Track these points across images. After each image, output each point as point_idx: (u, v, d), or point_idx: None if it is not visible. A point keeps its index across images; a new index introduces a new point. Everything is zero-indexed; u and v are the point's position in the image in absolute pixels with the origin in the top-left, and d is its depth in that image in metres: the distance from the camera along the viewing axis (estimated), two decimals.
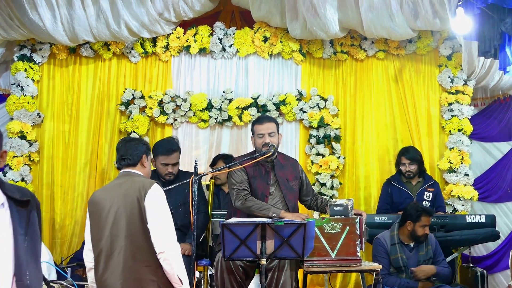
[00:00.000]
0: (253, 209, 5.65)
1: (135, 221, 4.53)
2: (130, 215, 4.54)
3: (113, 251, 4.53)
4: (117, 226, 4.55)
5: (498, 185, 8.09)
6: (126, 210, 4.55)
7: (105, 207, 4.60)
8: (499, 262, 7.94)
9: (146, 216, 4.54)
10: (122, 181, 4.74)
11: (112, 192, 4.67)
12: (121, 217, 4.54)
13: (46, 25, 7.37)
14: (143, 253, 4.52)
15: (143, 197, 4.56)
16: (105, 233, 4.56)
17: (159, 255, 4.51)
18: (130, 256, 4.50)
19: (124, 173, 4.83)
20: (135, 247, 4.51)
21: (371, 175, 8.16)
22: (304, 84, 8.22)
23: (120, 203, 4.57)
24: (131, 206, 4.55)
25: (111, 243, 4.54)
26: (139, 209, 4.54)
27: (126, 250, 4.50)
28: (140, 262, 4.51)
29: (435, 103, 8.22)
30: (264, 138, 5.82)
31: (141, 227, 4.53)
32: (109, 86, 8.22)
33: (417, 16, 7.35)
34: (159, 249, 4.51)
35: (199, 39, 8.12)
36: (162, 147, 6.41)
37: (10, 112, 7.98)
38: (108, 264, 4.54)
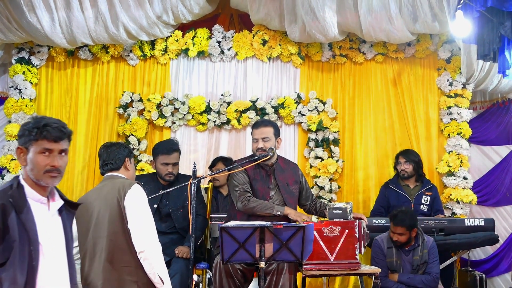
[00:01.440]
0: (257, 210, 5.66)
1: (115, 222, 4.55)
2: (110, 216, 4.55)
3: (95, 252, 4.55)
4: (99, 228, 4.57)
5: (497, 188, 8.09)
6: (107, 211, 4.57)
7: (88, 210, 4.63)
8: (498, 265, 7.93)
9: (126, 216, 4.55)
10: (104, 184, 4.79)
11: (94, 195, 4.72)
12: (102, 219, 4.57)
13: (45, 27, 7.36)
14: (123, 253, 4.53)
15: (122, 197, 4.57)
16: (89, 235, 4.60)
17: (139, 254, 4.52)
18: (110, 256, 4.51)
19: (107, 177, 4.88)
20: (116, 248, 4.52)
21: (370, 178, 8.15)
22: (302, 87, 8.21)
23: (101, 205, 4.60)
24: (111, 207, 4.57)
25: (94, 245, 4.57)
26: (119, 209, 4.55)
27: (107, 251, 4.52)
28: (120, 263, 4.52)
29: (434, 107, 8.21)
30: (257, 143, 5.84)
31: (121, 228, 4.54)
32: (108, 89, 8.21)
33: (416, 19, 7.35)
34: (139, 248, 4.52)
35: (198, 42, 8.11)
36: (162, 146, 6.41)
37: (8, 115, 7.97)
38: (92, 265, 4.56)
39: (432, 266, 6.51)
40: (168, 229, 6.24)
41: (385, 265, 6.46)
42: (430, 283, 6.45)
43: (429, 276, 6.46)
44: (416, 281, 6.42)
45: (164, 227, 6.22)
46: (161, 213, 6.25)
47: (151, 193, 6.07)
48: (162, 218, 6.25)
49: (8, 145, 7.83)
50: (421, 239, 6.52)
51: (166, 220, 6.26)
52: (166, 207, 6.24)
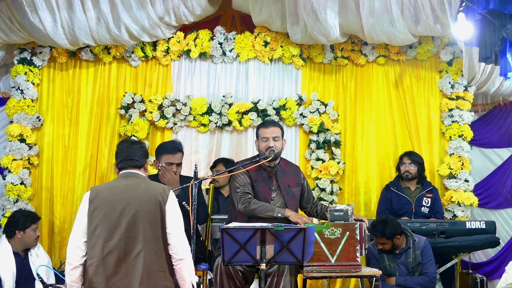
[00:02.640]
0: (257, 212, 5.66)
1: (156, 225, 4.48)
2: (152, 219, 4.47)
3: (128, 254, 4.43)
4: (135, 229, 4.46)
5: (498, 191, 8.09)
6: (149, 213, 4.48)
7: (116, 207, 4.49)
8: (499, 268, 7.93)
9: (166, 221, 4.51)
10: (134, 182, 4.65)
11: (125, 192, 4.57)
12: (140, 220, 4.46)
13: (47, 28, 7.36)
14: (160, 258, 4.48)
15: (165, 201, 4.53)
16: (118, 234, 4.45)
17: (177, 261, 4.49)
18: (149, 260, 4.43)
19: (130, 174, 4.73)
20: (154, 252, 4.45)
21: (371, 180, 8.15)
22: (304, 89, 8.21)
23: (141, 205, 4.49)
24: (154, 209, 4.49)
25: (126, 245, 4.44)
26: (161, 213, 4.50)
27: (146, 254, 4.43)
28: (157, 267, 4.46)
29: (436, 109, 8.21)
30: (268, 142, 5.82)
31: (161, 232, 4.50)
32: (109, 90, 8.20)
33: (418, 21, 7.34)
34: (180, 255, 4.50)
35: (200, 43, 8.11)
36: (167, 146, 6.44)
37: (9, 115, 7.96)
38: (120, 267, 4.43)
39: (427, 267, 6.51)
40: None
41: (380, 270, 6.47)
42: (427, 284, 6.46)
43: (425, 277, 6.46)
44: (413, 283, 6.42)
45: None
46: None
47: None
48: None
49: (9, 145, 7.83)
50: (411, 241, 6.52)
51: None
52: None
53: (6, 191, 7.77)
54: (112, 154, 7.99)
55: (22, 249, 6.52)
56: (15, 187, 7.75)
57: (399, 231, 6.46)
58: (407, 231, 6.60)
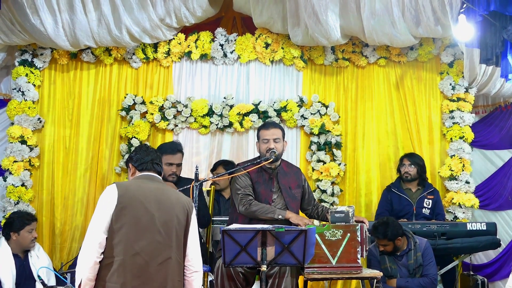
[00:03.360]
0: (258, 213, 5.65)
1: (182, 234, 4.45)
2: (181, 227, 4.44)
3: (154, 258, 4.31)
4: (167, 235, 4.37)
5: (499, 193, 8.08)
6: (179, 221, 4.43)
7: (149, 209, 4.37)
8: (500, 270, 7.92)
9: (188, 231, 4.50)
10: (162, 187, 4.58)
11: (159, 196, 4.47)
12: (172, 227, 4.39)
13: (48, 30, 7.37)
14: (180, 267, 4.43)
15: (191, 211, 4.52)
16: (148, 236, 4.32)
17: (192, 273, 4.47)
18: (173, 269, 4.37)
19: (153, 177, 4.62)
20: (177, 260, 4.40)
21: (372, 182, 8.15)
22: (305, 91, 8.21)
23: (173, 212, 4.43)
24: (182, 217, 4.45)
25: (154, 250, 4.32)
26: (186, 222, 4.48)
27: (172, 262, 4.37)
28: (177, 276, 4.41)
29: (436, 110, 8.21)
30: (269, 144, 5.81)
31: (184, 241, 4.47)
32: (110, 91, 8.21)
33: (419, 23, 7.35)
34: (197, 267, 4.49)
35: (201, 45, 8.12)
36: (166, 146, 6.47)
37: (10, 117, 7.96)
38: (144, 271, 4.29)
39: (428, 268, 6.51)
40: None
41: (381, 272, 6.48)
42: (428, 286, 6.46)
43: (426, 278, 6.47)
44: (414, 285, 6.42)
45: None
46: None
47: None
48: None
49: (10, 147, 7.83)
50: (412, 243, 6.52)
51: None
52: None
53: (7, 193, 7.77)
54: (113, 156, 8.04)
55: (21, 251, 6.51)
56: (16, 188, 7.75)
57: (401, 233, 6.46)
58: (408, 233, 6.60)
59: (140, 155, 4.68)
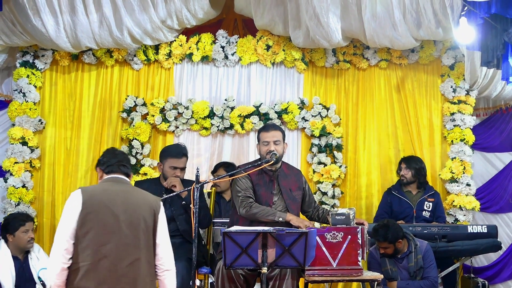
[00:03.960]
0: (259, 216, 5.65)
1: (149, 233, 4.48)
2: (148, 227, 4.47)
3: (122, 260, 4.35)
4: (133, 236, 4.41)
5: (500, 195, 8.09)
6: (145, 221, 4.46)
7: (114, 212, 4.41)
8: (501, 272, 7.93)
9: (157, 231, 4.52)
10: (128, 188, 4.63)
11: (123, 198, 4.51)
12: (138, 227, 4.43)
13: (49, 31, 7.37)
14: (150, 267, 4.47)
15: (158, 210, 4.54)
16: (114, 239, 4.36)
17: (163, 272, 4.50)
18: (143, 269, 4.41)
19: (119, 179, 4.66)
20: (146, 261, 4.43)
21: (373, 184, 8.14)
22: (306, 93, 8.21)
23: (139, 212, 4.46)
24: (149, 217, 4.48)
25: (122, 252, 4.36)
26: (154, 222, 4.51)
27: (141, 263, 4.40)
28: (148, 276, 4.45)
29: (437, 113, 8.21)
30: (269, 146, 5.81)
31: (153, 241, 4.50)
32: (111, 93, 8.21)
33: (420, 25, 7.35)
34: (168, 266, 4.51)
35: (202, 47, 8.12)
36: (172, 149, 6.44)
37: (12, 118, 7.97)
38: (112, 273, 4.33)
39: (429, 271, 6.50)
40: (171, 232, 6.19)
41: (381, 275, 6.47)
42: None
43: (427, 281, 6.46)
44: (415, 287, 6.41)
45: None
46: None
47: None
48: None
49: (11, 148, 7.83)
50: (413, 245, 6.52)
51: (169, 223, 6.23)
52: (169, 211, 6.24)
53: (8, 194, 7.77)
54: None
55: (20, 252, 6.48)
56: (16, 190, 7.75)
57: (401, 235, 6.45)
58: (408, 235, 6.59)
59: (107, 158, 4.75)
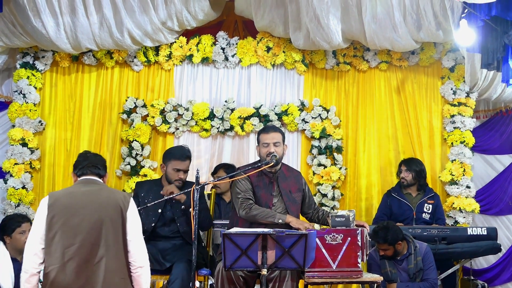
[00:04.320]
0: (259, 217, 5.64)
1: (117, 232, 4.50)
2: (113, 225, 4.49)
3: (89, 260, 4.43)
4: (97, 235, 4.46)
5: (500, 197, 8.09)
6: (109, 219, 4.49)
7: (77, 213, 4.49)
8: (500, 274, 7.94)
9: (126, 228, 4.53)
10: (95, 188, 4.66)
11: (86, 198, 4.56)
12: (101, 226, 4.47)
13: (49, 32, 7.37)
14: (121, 264, 4.50)
15: (126, 207, 4.55)
16: (79, 240, 4.44)
17: (136, 269, 4.52)
18: (111, 267, 4.44)
19: (90, 180, 4.71)
20: (115, 258, 4.47)
21: (373, 186, 8.14)
22: (306, 95, 8.21)
23: (102, 211, 4.50)
24: (115, 215, 4.51)
25: (87, 252, 4.43)
26: (122, 219, 4.52)
27: (107, 261, 4.44)
28: (118, 274, 4.48)
29: (437, 115, 8.21)
30: (269, 148, 5.80)
31: (122, 238, 4.52)
32: (111, 94, 8.21)
33: (420, 27, 7.35)
34: (140, 263, 4.53)
35: (202, 49, 8.12)
36: (176, 151, 6.43)
37: (12, 119, 7.97)
38: (81, 274, 4.42)
39: (428, 273, 6.49)
40: (171, 234, 6.25)
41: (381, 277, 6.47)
42: None
43: (427, 283, 6.45)
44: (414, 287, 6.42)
45: (167, 232, 6.24)
46: (165, 218, 6.26)
47: (155, 198, 6.09)
48: (166, 223, 6.26)
49: (11, 149, 7.84)
50: (412, 247, 6.51)
51: (170, 224, 6.27)
52: (170, 212, 6.25)
53: (8, 195, 7.78)
54: (114, 158, 8.04)
55: (19, 254, 6.43)
56: (16, 191, 7.76)
57: (401, 237, 6.45)
58: (408, 237, 6.59)
59: (78, 162, 4.81)
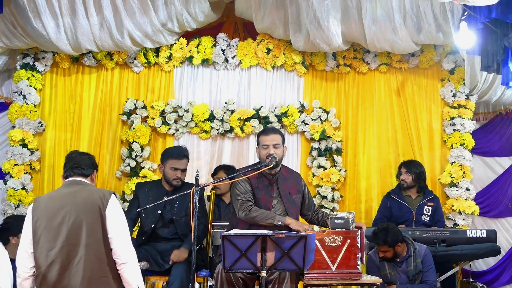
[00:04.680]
0: (258, 219, 5.63)
1: (96, 230, 4.51)
2: (91, 224, 4.50)
3: (70, 261, 4.47)
4: (76, 235, 4.49)
5: (499, 200, 8.09)
6: (87, 219, 4.50)
7: (57, 215, 4.53)
8: (499, 277, 7.93)
9: (106, 225, 4.53)
10: (75, 189, 4.67)
11: (65, 200, 4.59)
12: (80, 226, 4.49)
13: (50, 34, 7.37)
14: (102, 264, 4.50)
15: (105, 206, 4.55)
16: (59, 242, 4.48)
17: (120, 265, 4.53)
18: (90, 266, 4.46)
19: (73, 182, 4.76)
20: (95, 257, 4.48)
21: (372, 188, 8.15)
22: (306, 96, 8.22)
23: (80, 212, 4.52)
24: (91, 214, 4.51)
25: (68, 253, 4.47)
26: (100, 217, 4.52)
27: (87, 260, 4.46)
28: (99, 273, 4.49)
29: (437, 117, 8.21)
30: (268, 149, 5.80)
31: (102, 237, 4.52)
32: (112, 95, 8.22)
33: (420, 30, 7.36)
34: (123, 259, 4.53)
35: (202, 50, 8.13)
36: (173, 151, 6.45)
37: (12, 120, 7.97)
38: (64, 275, 4.47)
39: (428, 275, 6.48)
40: (170, 235, 6.26)
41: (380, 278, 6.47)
42: None
43: (426, 285, 6.44)
44: None
45: (167, 233, 6.25)
46: (164, 219, 6.27)
47: (155, 199, 6.09)
48: (165, 224, 6.27)
49: (11, 150, 7.84)
50: (412, 249, 6.50)
51: (169, 226, 6.28)
52: (169, 214, 6.26)
53: (8, 196, 7.78)
54: (114, 160, 8.04)
55: None
56: (16, 192, 7.76)
57: (400, 239, 6.45)
58: (408, 239, 6.59)
59: (64, 164, 4.93)
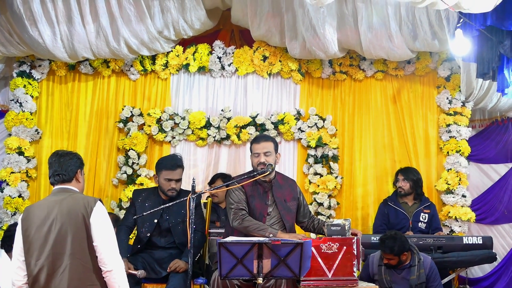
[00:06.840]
0: (250, 229, 5.62)
1: (80, 239, 4.49)
2: (76, 233, 4.49)
3: (55, 269, 4.46)
4: (61, 244, 4.48)
5: (495, 207, 8.10)
6: (71, 227, 4.49)
7: (43, 225, 4.53)
8: (496, 283, 7.94)
9: (92, 234, 4.52)
10: (61, 198, 4.66)
11: (51, 209, 4.58)
12: (65, 235, 4.48)
13: (46, 41, 7.38)
14: (87, 272, 4.49)
15: (89, 214, 4.54)
16: (46, 251, 4.48)
17: (106, 273, 4.50)
18: (76, 275, 4.45)
19: (60, 189, 4.75)
20: (80, 266, 4.47)
21: (369, 195, 8.15)
22: (302, 104, 8.23)
23: (64, 220, 4.50)
24: (75, 223, 4.50)
25: (53, 262, 4.47)
26: (85, 226, 4.51)
27: (71, 269, 4.45)
28: (85, 281, 4.47)
29: (433, 124, 8.22)
30: (259, 158, 5.80)
31: (87, 245, 4.51)
32: (108, 103, 8.22)
33: (416, 37, 7.38)
34: (109, 267, 4.50)
35: (198, 58, 8.13)
36: (166, 162, 6.42)
37: (8, 128, 7.97)
38: (50, 284, 4.47)
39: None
40: (167, 244, 6.25)
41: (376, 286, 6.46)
42: None
43: None
44: None
45: (164, 242, 6.24)
46: (161, 228, 6.25)
47: (152, 207, 6.08)
48: (162, 233, 6.26)
49: (8, 158, 7.84)
50: (417, 259, 6.50)
51: (166, 235, 6.27)
52: (166, 222, 6.24)
53: (4, 204, 7.77)
54: (111, 167, 8.04)
55: None
56: (13, 200, 7.75)
57: (407, 248, 6.46)
58: (413, 248, 6.58)
59: (49, 170, 4.85)
